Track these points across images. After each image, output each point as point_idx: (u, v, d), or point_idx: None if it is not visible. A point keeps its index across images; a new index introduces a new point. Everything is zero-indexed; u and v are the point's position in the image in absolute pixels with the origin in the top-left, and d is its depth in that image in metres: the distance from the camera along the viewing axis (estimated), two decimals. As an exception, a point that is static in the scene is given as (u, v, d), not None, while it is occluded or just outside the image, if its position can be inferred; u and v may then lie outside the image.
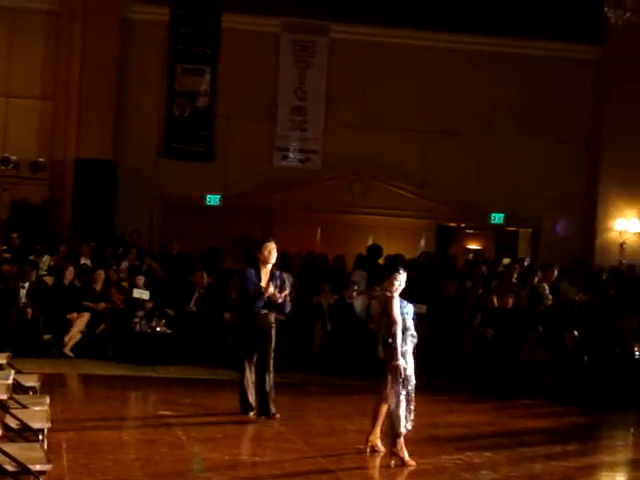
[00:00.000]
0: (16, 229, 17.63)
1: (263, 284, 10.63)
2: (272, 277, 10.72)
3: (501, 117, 20.76)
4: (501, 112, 20.74)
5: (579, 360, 14.16)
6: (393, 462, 8.70)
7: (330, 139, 20.47)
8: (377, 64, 20.56)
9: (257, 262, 10.83)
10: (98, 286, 15.91)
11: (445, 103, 20.59)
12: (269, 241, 10.88)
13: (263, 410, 10.61)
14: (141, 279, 15.73)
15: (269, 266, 10.73)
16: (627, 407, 13.69)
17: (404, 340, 8.82)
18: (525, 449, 10.12)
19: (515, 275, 17.12)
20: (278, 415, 10.59)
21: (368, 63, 20.56)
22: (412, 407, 8.81)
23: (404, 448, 8.73)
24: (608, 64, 20.90)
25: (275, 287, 10.66)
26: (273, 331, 10.76)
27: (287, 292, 10.84)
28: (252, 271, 10.69)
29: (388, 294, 8.86)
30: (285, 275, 11.03)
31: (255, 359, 10.77)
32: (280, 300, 10.71)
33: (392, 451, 8.76)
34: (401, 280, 8.87)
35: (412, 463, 8.69)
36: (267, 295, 10.61)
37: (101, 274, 16.01)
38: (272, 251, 10.72)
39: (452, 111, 20.59)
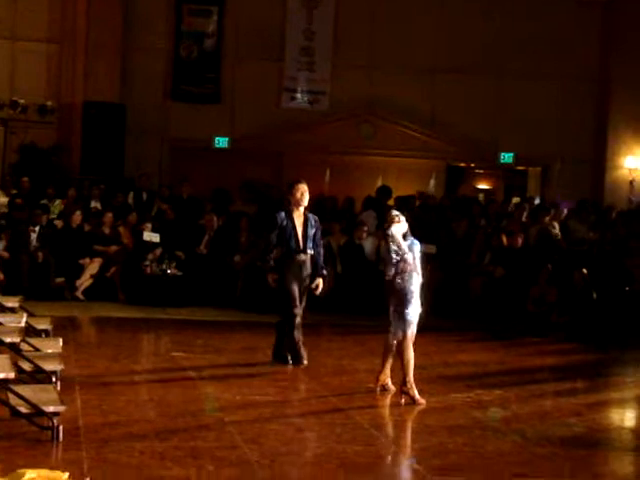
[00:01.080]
0: (25, 173, 17.65)
1: (299, 229, 10.19)
2: (306, 221, 10.28)
3: (510, 56, 20.56)
4: (510, 51, 20.54)
5: (588, 298, 14.21)
6: (403, 400, 8.77)
7: (338, 80, 20.34)
8: (384, 3, 20.38)
9: (288, 204, 10.39)
10: (107, 229, 15.96)
11: (454, 42, 20.40)
12: (301, 182, 10.35)
13: (296, 358, 10.27)
14: (148, 226, 15.77)
15: (301, 209, 10.31)
16: (636, 344, 13.75)
17: (410, 279, 8.86)
18: (534, 386, 10.19)
19: (525, 214, 17.13)
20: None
21: (375, 2, 20.37)
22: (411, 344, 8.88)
23: (414, 386, 8.80)
24: (615, 2, 20.68)
25: (311, 231, 10.22)
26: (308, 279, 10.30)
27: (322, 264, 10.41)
28: (283, 214, 10.25)
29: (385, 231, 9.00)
30: (316, 220, 10.46)
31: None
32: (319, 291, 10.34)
33: (402, 389, 8.83)
34: (393, 219, 8.91)
35: (422, 401, 8.76)
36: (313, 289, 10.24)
37: (110, 217, 16.05)
38: (304, 193, 10.24)
39: (461, 50, 20.42)
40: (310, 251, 10.26)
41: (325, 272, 10.57)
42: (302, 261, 10.25)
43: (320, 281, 10.34)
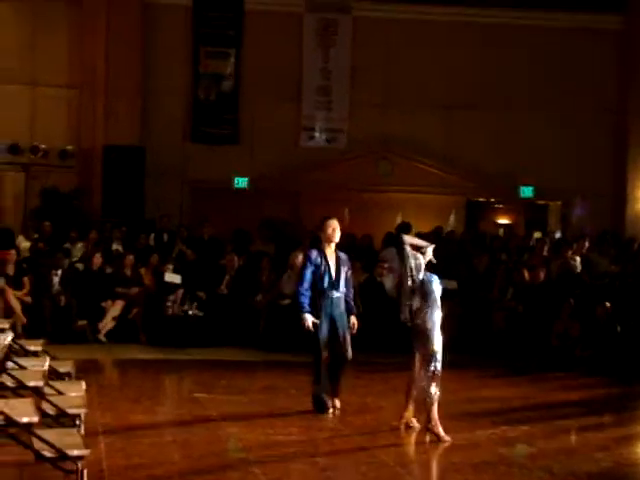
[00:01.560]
0: (47, 217, 17.76)
1: (332, 266, 10.01)
2: (338, 259, 10.09)
3: (526, 90, 20.60)
4: (526, 85, 20.58)
5: (612, 332, 14.12)
6: (428, 438, 8.73)
7: (355, 118, 20.43)
8: (399, 41, 20.47)
9: (320, 242, 10.14)
10: (129, 271, 16.02)
11: (468, 77, 20.48)
12: (331, 218, 10.16)
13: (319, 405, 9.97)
14: (170, 267, 15.80)
15: (333, 245, 10.10)
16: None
17: (431, 314, 8.87)
18: (560, 422, 10.11)
19: (546, 249, 17.09)
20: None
21: (390, 40, 20.46)
22: (438, 380, 8.83)
23: (439, 424, 8.75)
24: (631, 33, 20.72)
25: (343, 269, 10.07)
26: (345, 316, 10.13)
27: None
28: (315, 252, 10.05)
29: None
30: (348, 258, 10.33)
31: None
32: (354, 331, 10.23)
33: (427, 427, 8.78)
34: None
35: (447, 439, 8.71)
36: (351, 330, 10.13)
37: (131, 259, 16.11)
38: (336, 229, 10.04)
39: (475, 85, 20.49)
40: (343, 289, 10.16)
41: (354, 311, 10.39)
42: (336, 299, 10.08)
43: (355, 320, 10.25)
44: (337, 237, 10.10)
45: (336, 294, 10.07)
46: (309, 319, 9.95)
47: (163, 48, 19.88)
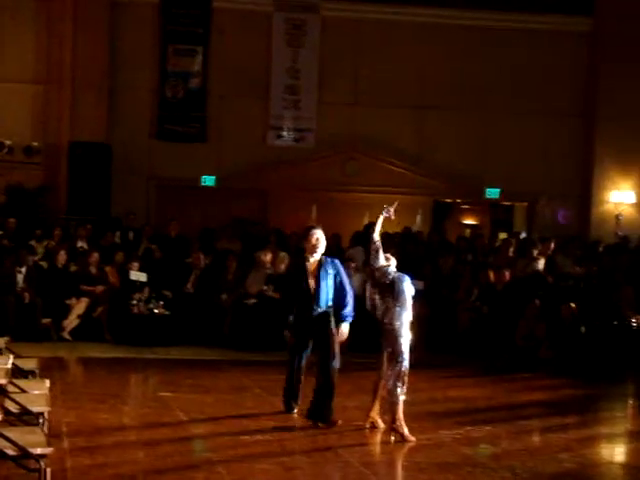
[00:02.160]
0: (12, 214, 17.62)
1: (311, 282, 9.46)
2: (319, 269, 9.47)
3: (494, 91, 20.71)
4: (494, 86, 20.69)
5: (577, 332, 14.22)
6: (393, 438, 8.74)
7: (323, 117, 20.43)
8: (368, 41, 20.51)
9: (303, 252, 9.75)
10: (94, 269, 15.92)
11: (437, 78, 20.56)
12: (315, 227, 9.80)
13: (319, 414, 9.39)
14: (135, 265, 15.73)
15: (316, 256, 9.53)
16: (625, 378, 13.77)
17: (400, 314, 8.89)
18: (524, 422, 10.17)
19: (511, 249, 17.17)
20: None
21: (359, 40, 20.50)
22: (405, 380, 8.85)
23: (404, 424, 8.77)
24: (599, 35, 20.86)
25: (324, 281, 9.45)
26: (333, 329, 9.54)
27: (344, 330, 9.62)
28: (293, 267, 9.68)
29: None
30: (335, 262, 9.68)
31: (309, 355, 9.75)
32: (342, 339, 9.57)
33: (392, 427, 8.80)
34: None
35: (412, 439, 8.73)
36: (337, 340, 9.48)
37: (96, 256, 16.01)
38: (320, 239, 9.55)
39: (444, 86, 20.56)
40: (323, 305, 9.51)
41: (349, 318, 9.65)
42: (314, 317, 9.51)
43: (343, 327, 9.59)
44: (321, 247, 9.59)
45: (318, 310, 9.51)
46: (288, 336, 9.80)
47: (130, 45, 19.78)
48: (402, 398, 8.83)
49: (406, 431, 8.75)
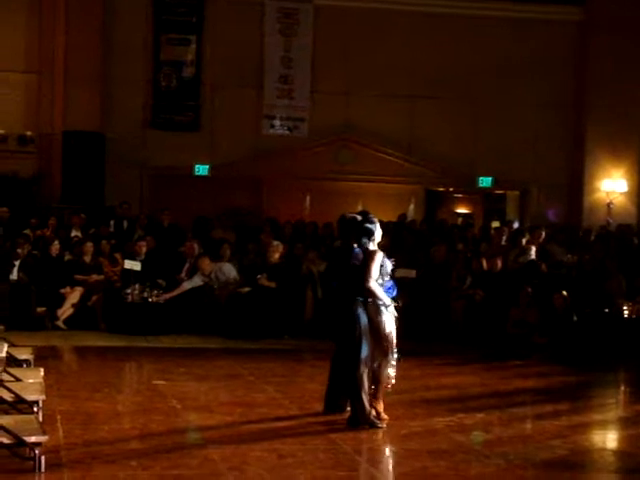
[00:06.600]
0: (5, 203, 17.63)
1: None
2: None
3: (486, 80, 20.77)
4: (486, 75, 20.75)
5: (569, 320, 14.29)
6: (385, 425, 8.77)
7: (317, 107, 20.46)
8: (360, 30, 20.54)
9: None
10: (88, 258, 15.94)
11: (430, 67, 20.60)
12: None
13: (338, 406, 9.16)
14: (143, 244, 15.71)
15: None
16: (616, 365, 13.83)
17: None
18: (516, 409, 10.21)
19: (504, 238, 17.23)
20: None
21: (351, 29, 20.53)
22: (394, 363, 8.88)
23: (381, 403, 8.82)
24: (589, 25, 20.91)
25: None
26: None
27: None
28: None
29: None
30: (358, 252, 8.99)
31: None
32: None
33: (371, 404, 8.84)
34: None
35: (385, 417, 8.78)
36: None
37: (90, 246, 16.02)
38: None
39: (437, 75, 20.61)
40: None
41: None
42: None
43: None
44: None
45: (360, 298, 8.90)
46: None
47: (124, 34, 19.78)
48: (389, 381, 8.87)
49: (381, 407, 8.79)
